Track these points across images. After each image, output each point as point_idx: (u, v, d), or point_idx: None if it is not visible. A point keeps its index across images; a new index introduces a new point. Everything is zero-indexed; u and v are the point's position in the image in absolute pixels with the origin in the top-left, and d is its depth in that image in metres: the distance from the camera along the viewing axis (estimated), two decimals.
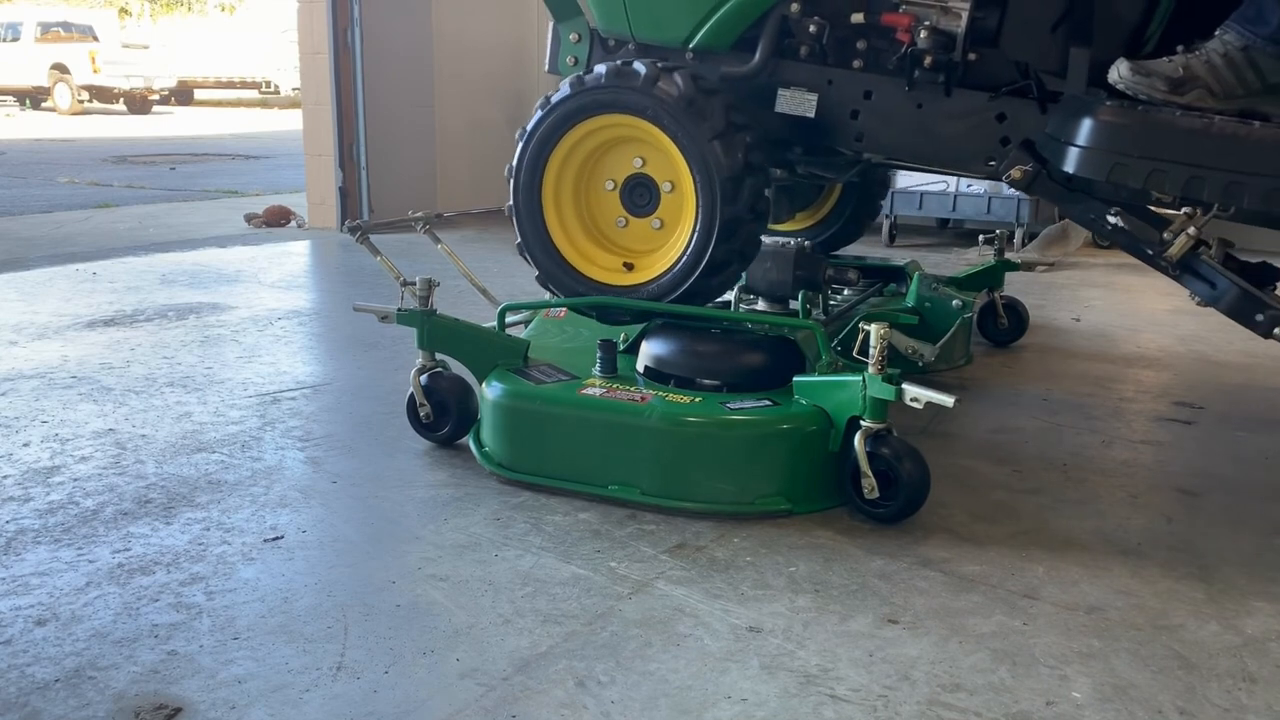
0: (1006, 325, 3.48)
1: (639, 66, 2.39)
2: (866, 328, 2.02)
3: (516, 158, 2.54)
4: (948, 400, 1.95)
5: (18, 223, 6.26)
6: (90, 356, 3.22)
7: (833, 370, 2.19)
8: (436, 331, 2.42)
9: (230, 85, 24.65)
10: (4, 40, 20.92)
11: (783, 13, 2.55)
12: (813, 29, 2.52)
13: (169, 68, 21.83)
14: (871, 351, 1.99)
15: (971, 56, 2.41)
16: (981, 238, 3.62)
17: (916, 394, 1.97)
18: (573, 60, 2.81)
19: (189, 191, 8.16)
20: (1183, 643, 1.64)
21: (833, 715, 1.44)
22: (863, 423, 2.03)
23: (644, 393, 2.20)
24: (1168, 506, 2.20)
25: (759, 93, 2.60)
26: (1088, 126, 2.18)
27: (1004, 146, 2.43)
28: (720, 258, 2.39)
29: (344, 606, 1.71)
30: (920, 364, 2.72)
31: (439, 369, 2.45)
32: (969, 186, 5.51)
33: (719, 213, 2.36)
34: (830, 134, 2.60)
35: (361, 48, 5.84)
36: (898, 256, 4.11)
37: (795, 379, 2.20)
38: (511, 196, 2.56)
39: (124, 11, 28.62)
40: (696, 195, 2.39)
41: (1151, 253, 2.22)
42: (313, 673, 1.52)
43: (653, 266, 2.49)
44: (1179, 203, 2.17)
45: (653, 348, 2.36)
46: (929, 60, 2.40)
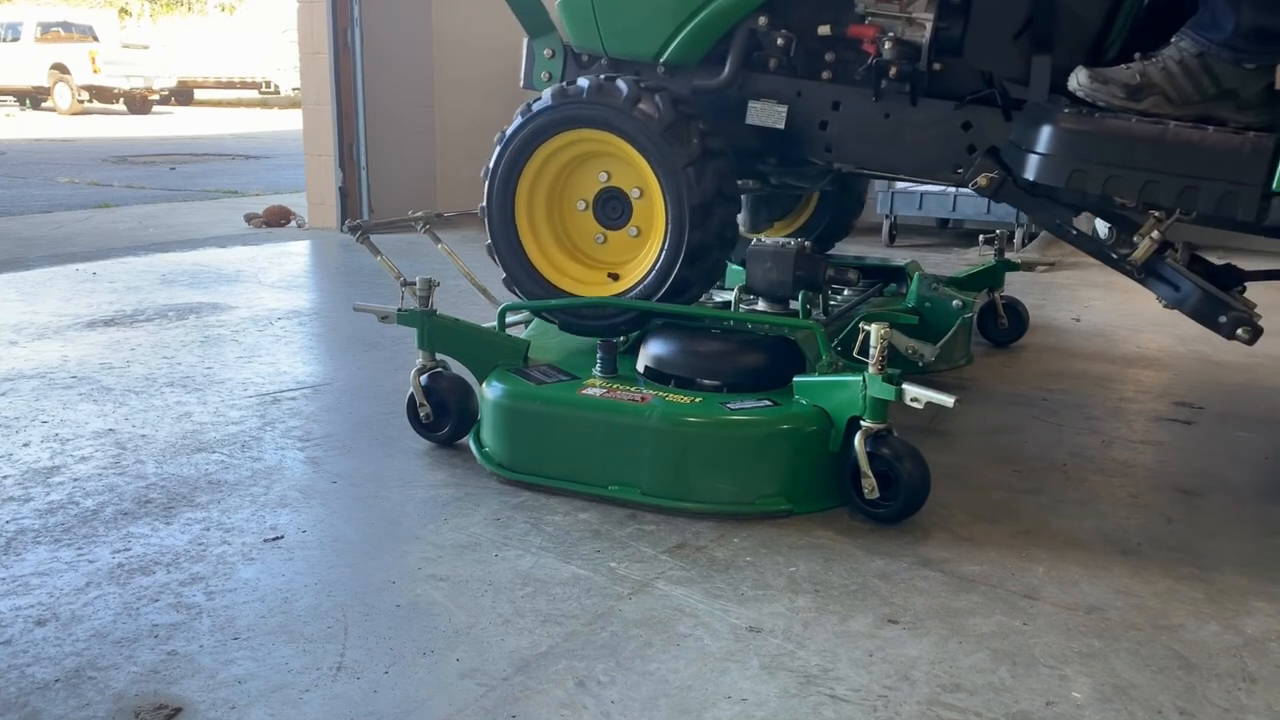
0: (1006, 325, 3.48)
1: (621, 85, 2.43)
2: (867, 328, 2.02)
3: (494, 160, 2.58)
4: (948, 400, 1.95)
5: (18, 223, 6.26)
6: (90, 356, 3.22)
7: (833, 370, 2.19)
8: (436, 331, 2.42)
9: (230, 85, 24.66)
10: (4, 40, 20.94)
11: (751, 26, 2.58)
12: (781, 42, 2.55)
13: (169, 68, 21.84)
14: (872, 352, 1.99)
15: (936, 66, 2.44)
16: (981, 238, 3.62)
17: (917, 394, 1.97)
18: (547, 75, 2.85)
19: (189, 191, 8.16)
20: (1183, 643, 1.64)
21: (833, 715, 1.44)
22: (863, 423, 2.03)
23: (644, 393, 2.20)
24: (1168, 506, 2.20)
25: (730, 106, 2.63)
26: (1047, 134, 2.21)
27: (970, 154, 2.45)
28: (684, 277, 2.43)
29: (344, 606, 1.71)
30: (920, 364, 2.72)
31: (439, 369, 2.45)
32: None
33: (686, 238, 2.41)
34: (801, 145, 2.64)
35: (361, 48, 5.84)
36: (898, 256, 4.12)
37: (795, 379, 2.20)
38: (485, 198, 2.60)
39: (124, 11, 28.63)
40: (666, 206, 2.43)
41: (1116, 256, 2.25)
42: (313, 673, 1.52)
43: (636, 272, 2.53)
44: (1142, 207, 2.19)
45: (653, 348, 2.36)
46: (895, 71, 2.44)
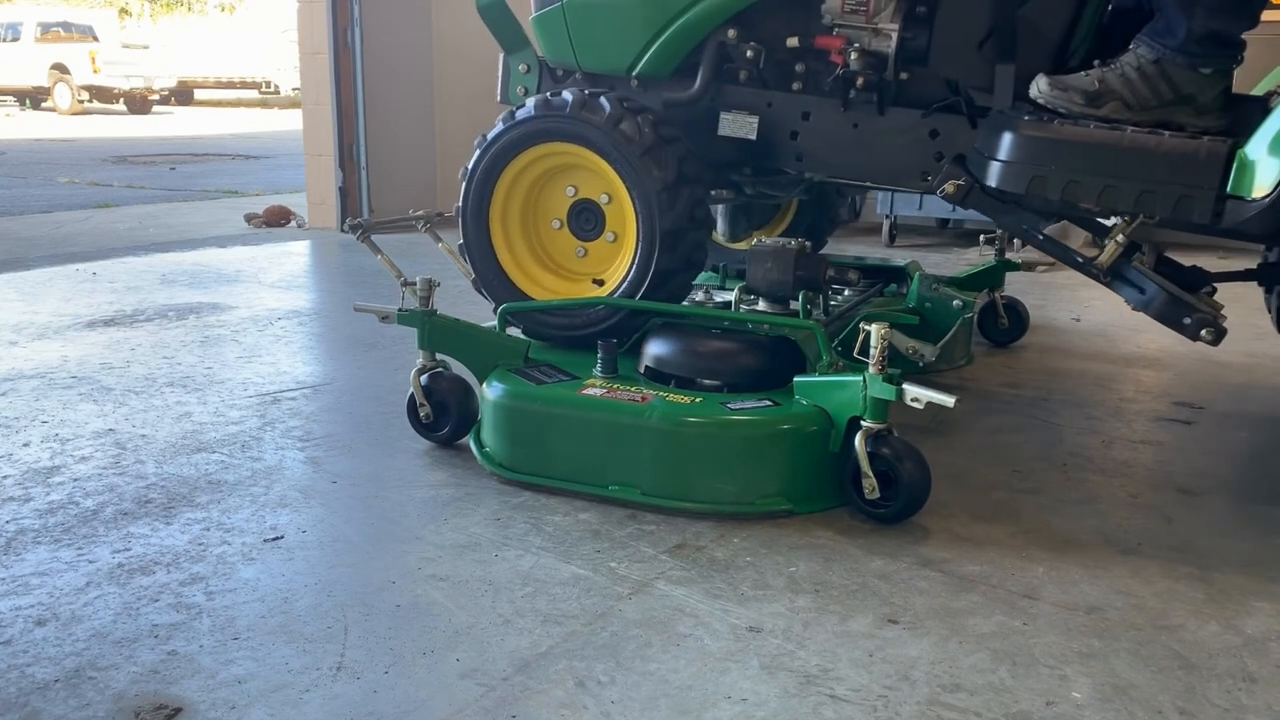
0: (1007, 325, 3.48)
1: (604, 103, 2.46)
2: (867, 328, 2.02)
3: (473, 162, 2.61)
4: (948, 400, 1.95)
5: (18, 223, 6.26)
6: (90, 356, 3.22)
7: (833, 370, 2.19)
8: (437, 332, 2.42)
9: (230, 85, 24.67)
10: (4, 40, 20.94)
11: (721, 39, 2.60)
12: (750, 54, 2.58)
13: (169, 68, 21.85)
14: (872, 352, 1.99)
15: (903, 76, 2.48)
16: (982, 237, 3.62)
17: (917, 394, 1.97)
18: (523, 90, 2.89)
19: (189, 191, 8.16)
20: (1183, 643, 1.64)
21: (833, 715, 1.44)
22: (863, 423, 2.03)
23: (645, 393, 2.20)
24: (1168, 506, 2.20)
25: (702, 117, 2.66)
26: (1007, 141, 2.25)
27: (938, 162, 2.48)
28: (667, 266, 2.46)
29: (344, 606, 1.71)
30: (921, 364, 2.72)
31: (439, 369, 2.45)
32: None
33: (655, 261, 2.45)
34: (772, 155, 2.67)
35: (361, 48, 5.84)
36: (898, 256, 4.12)
37: (796, 379, 2.20)
38: (461, 198, 2.63)
39: (124, 11, 28.63)
40: (636, 218, 2.46)
41: (1082, 260, 2.28)
42: (313, 673, 1.52)
43: (616, 276, 2.56)
44: (1107, 212, 2.22)
45: (653, 348, 2.36)
46: (862, 81, 2.47)
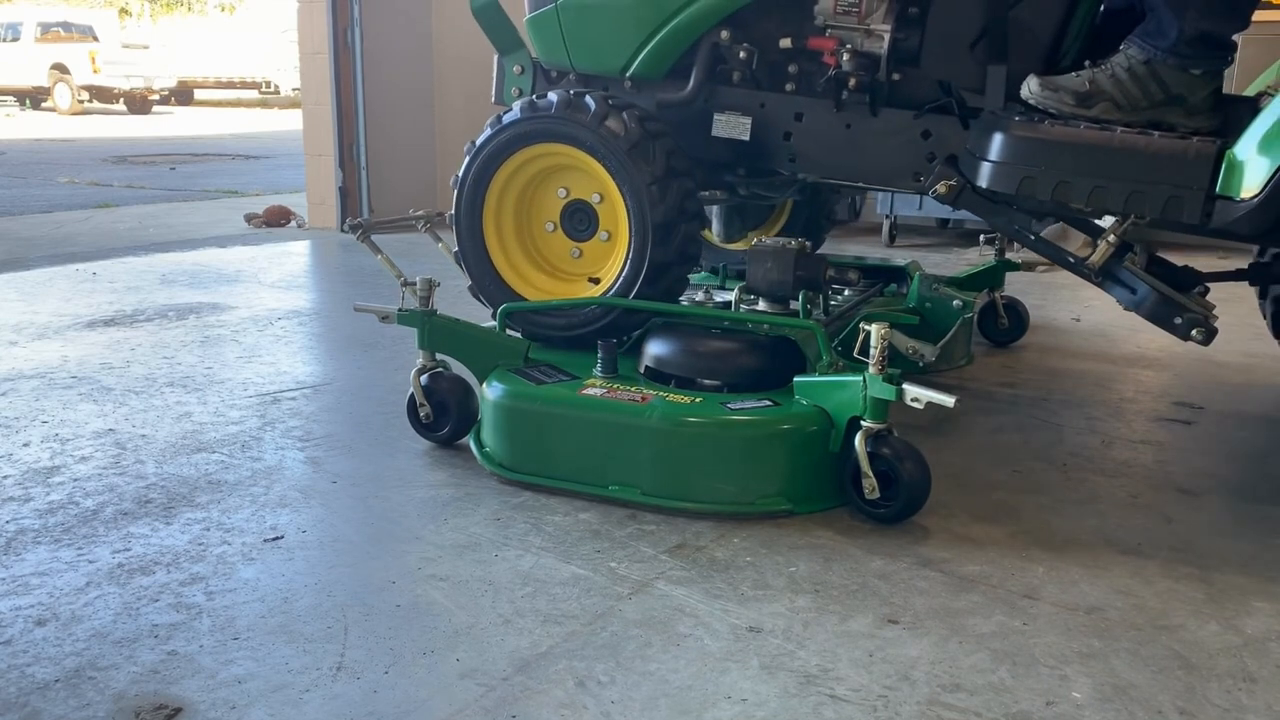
0: (1007, 325, 3.48)
1: (590, 101, 2.47)
2: (867, 328, 2.02)
3: (463, 169, 2.62)
4: (948, 400, 1.95)
5: (18, 223, 6.26)
6: (90, 356, 3.22)
7: (833, 370, 2.19)
8: (437, 332, 2.42)
9: (230, 85, 24.66)
10: (4, 40, 20.93)
11: (714, 40, 2.62)
12: (743, 54, 2.59)
13: (169, 68, 21.84)
14: (872, 352, 1.99)
15: (895, 76, 2.49)
16: (982, 237, 3.62)
17: (917, 394, 1.97)
18: (517, 92, 2.90)
19: (189, 191, 8.16)
20: (1183, 643, 1.64)
21: (833, 715, 1.44)
22: (863, 423, 2.03)
23: (645, 393, 2.20)
24: (1168, 506, 2.20)
25: (696, 118, 2.67)
26: (998, 141, 2.25)
27: (930, 162, 2.49)
28: (645, 295, 2.47)
29: (344, 606, 1.71)
30: (921, 364, 2.72)
31: (439, 369, 2.45)
32: None
33: (649, 255, 2.45)
34: (766, 156, 2.68)
35: (361, 48, 5.84)
36: (898, 256, 4.12)
37: (796, 379, 2.20)
38: (454, 206, 2.65)
39: (124, 11, 28.62)
40: (628, 213, 2.47)
41: (1074, 260, 2.28)
42: (313, 673, 1.52)
43: (611, 274, 2.57)
44: (1097, 213, 2.22)
45: (653, 348, 2.36)
46: (854, 81, 2.47)
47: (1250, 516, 2.16)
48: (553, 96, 2.51)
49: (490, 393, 2.30)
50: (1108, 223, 2.29)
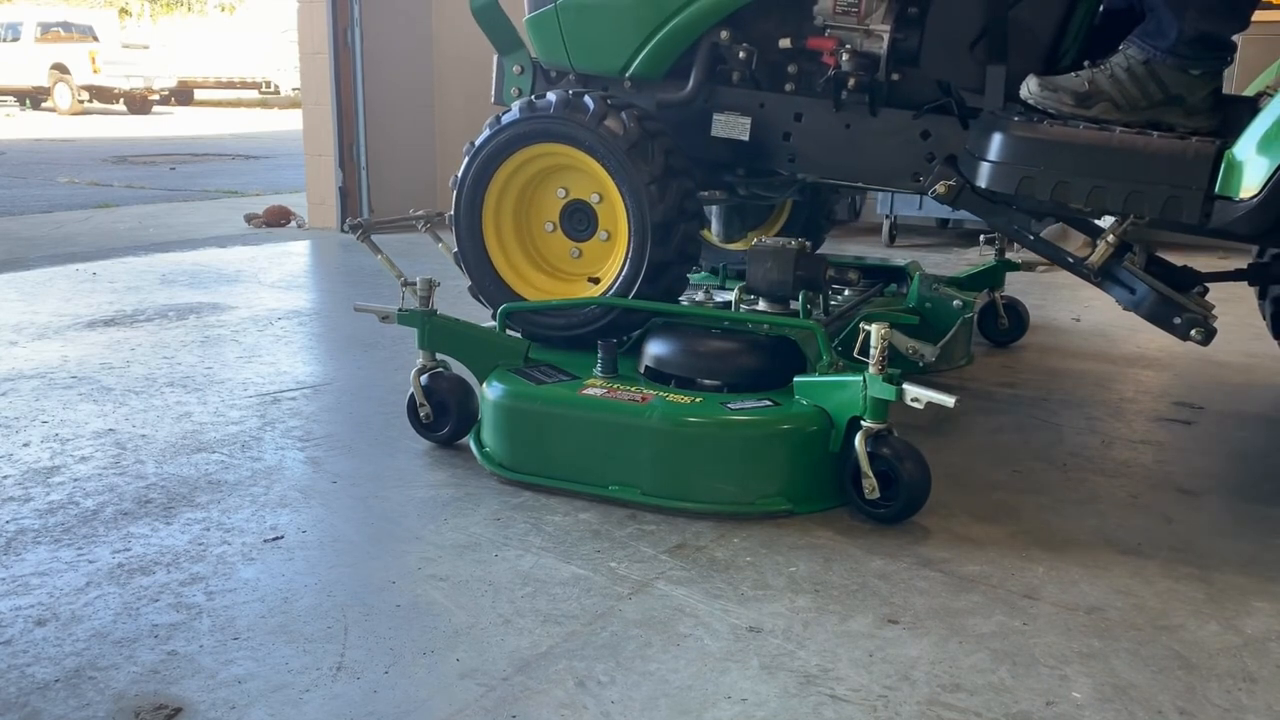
0: (1007, 325, 3.48)
1: (589, 101, 2.47)
2: (867, 328, 2.02)
3: (462, 170, 2.63)
4: (948, 400, 1.95)
5: (18, 223, 6.26)
6: (90, 356, 3.22)
7: (833, 370, 2.19)
8: (437, 332, 2.42)
9: (230, 85, 24.66)
10: (4, 40, 20.93)
11: (713, 40, 2.62)
12: (743, 55, 2.59)
13: (169, 68, 21.83)
14: (872, 352, 1.99)
15: (895, 76, 2.49)
16: (982, 237, 3.62)
17: (917, 394, 1.97)
18: (517, 91, 2.91)
19: (189, 191, 8.16)
20: (1183, 643, 1.64)
21: (833, 715, 1.44)
22: (863, 423, 2.03)
23: (645, 393, 2.20)
24: (1168, 506, 2.20)
25: (696, 119, 2.68)
26: (997, 142, 2.26)
27: (930, 162, 2.50)
28: (645, 294, 2.48)
29: (344, 606, 1.71)
30: (921, 364, 2.72)
31: (439, 369, 2.45)
32: None
33: (648, 255, 2.45)
34: (765, 156, 2.69)
35: (361, 48, 5.84)
36: (898, 256, 4.12)
37: (796, 379, 2.20)
38: (454, 208, 2.65)
39: (124, 11, 28.62)
40: (627, 213, 2.47)
41: (1073, 260, 2.29)
42: (313, 673, 1.52)
43: (611, 273, 2.57)
44: (1097, 213, 2.23)
45: (653, 348, 2.36)
46: (854, 81, 2.48)
47: (1250, 516, 2.16)
48: (551, 96, 2.51)
49: (490, 393, 2.30)
50: (1108, 223, 2.29)
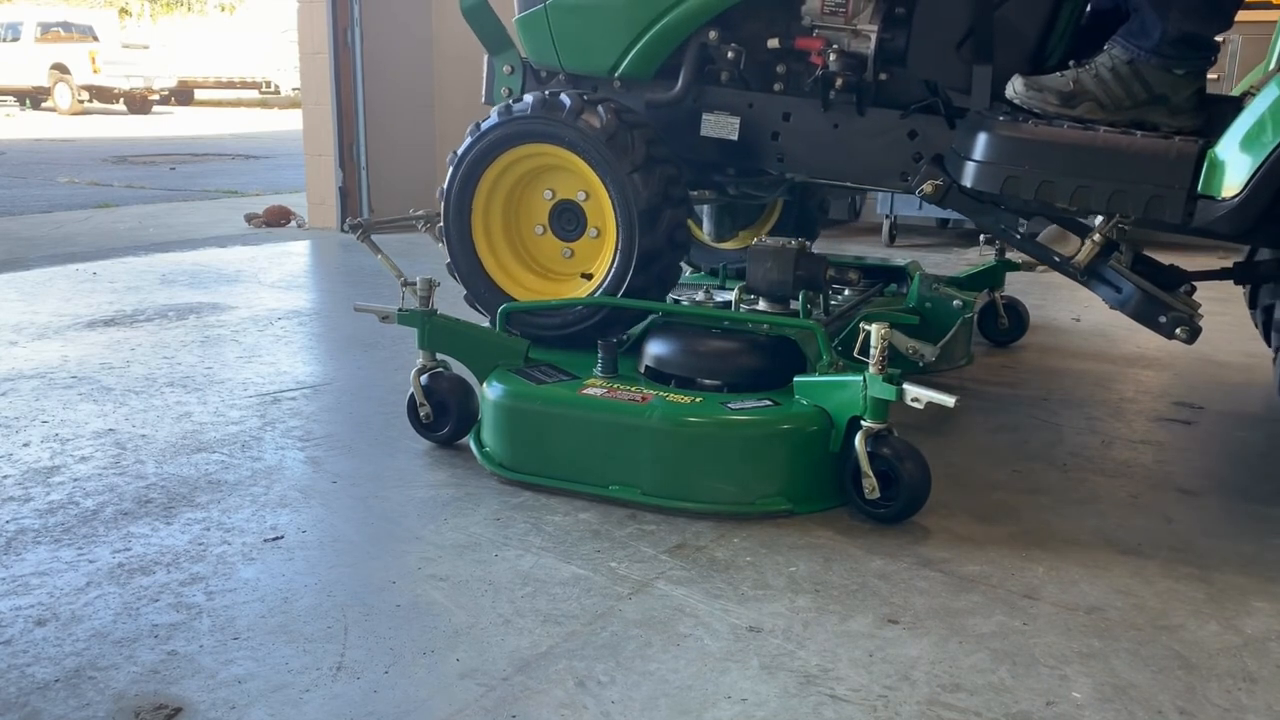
0: (1007, 325, 3.48)
1: (564, 98, 2.48)
2: (867, 328, 2.02)
3: (448, 180, 2.64)
4: (948, 400, 1.95)
5: (18, 223, 6.26)
6: (90, 356, 3.22)
7: (833, 370, 2.19)
8: (437, 332, 2.42)
9: (230, 85, 24.65)
10: (4, 40, 20.92)
11: (702, 40, 2.63)
12: (731, 55, 2.60)
13: (169, 68, 21.83)
14: (872, 351, 1.99)
15: (882, 76, 2.50)
16: (982, 238, 3.62)
17: (917, 394, 1.97)
18: (507, 91, 2.92)
19: (189, 191, 8.16)
20: (1183, 643, 1.64)
21: (833, 715, 1.44)
22: (863, 423, 2.03)
23: (645, 393, 2.20)
24: (1168, 506, 2.20)
25: (686, 118, 2.68)
26: (982, 141, 2.27)
27: (917, 162, 2.51)
28: (637, 285, 2.48)
29: (344, 606, 1.71)
30: (921, 364, 2.72)
31: (439, 369, 2.45)
32: None
33: (637, 244, 2.46)
34: (754, 155, 2.69)
35: (361, 48, 5.84)
36: (898, 256, 4.12)
37: (796, 379, 2.20)
38: (443, 218, 2.67)
39: (124, 11, 28.62)
40: (614, 208, 2.48)
41: (1059, 260, 2.29)
42: (313, 673, 1.52)
43: (603, 268, 2.58)
44: (1082, 212, 2.23)
45: (654, 348, 2.36)
46: (841, 81, 2.49)
47: (1250, 516, 2.16)
48: (528, 98, 2.54)
49: (490, 393, 2.30)
50: (1099, 224, 2.30)
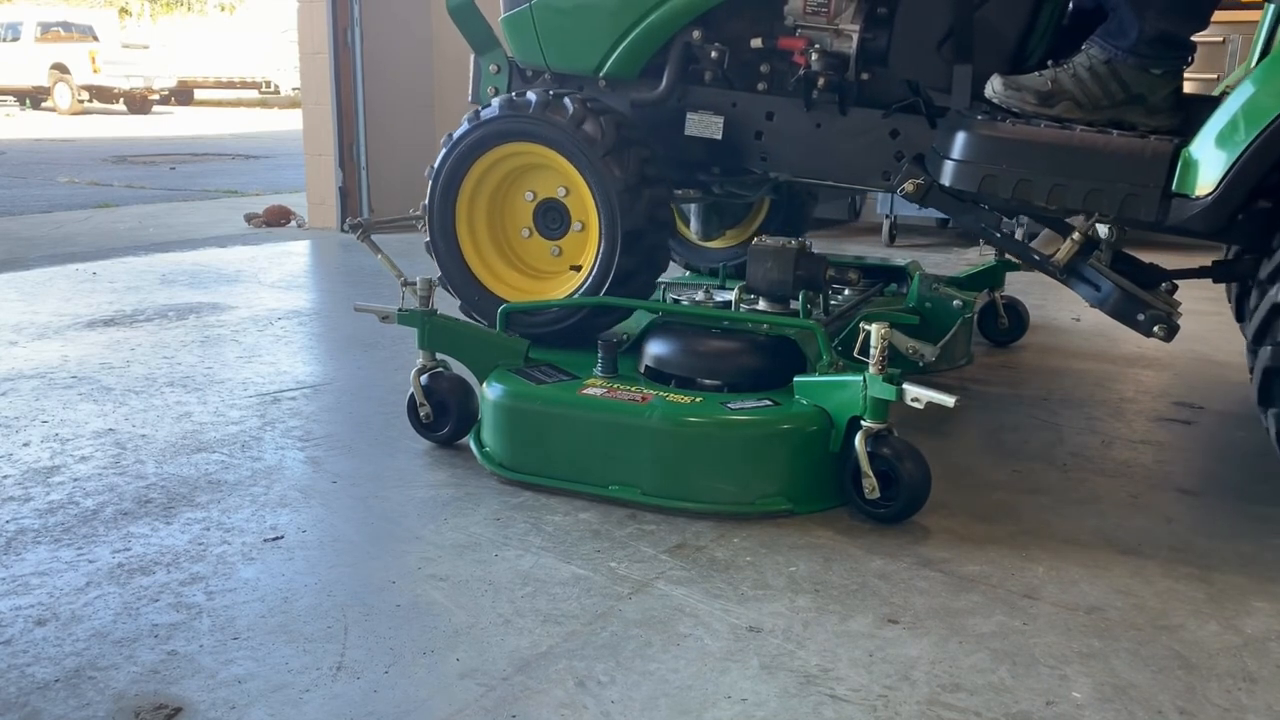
0: (1007, 325, 3.48)
1: (568, 104, 2.50)
2: (867, 328, 2.02)
3: (439, 160, 2.66)
4: (948, 400, 1.95)
5: (18, 223, 6.26)
6: (90, 356, 3.22)
7: (833, 370, 2.19)
8: (437, 331, 2.42)
9: (230, 85, 24.65)
10: (4, 40, 20.92)
11: (685, 39, 2.64)
12: (715, 54, 2.61)
13: (169, 68, 21.83)
14: (872, 351, 1.99)
15: (864, 76, 2.51)
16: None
17: (917, 394, 1.97)
18: (493, 91, 2.93)
19: (189, 191, 8.16)
20: (1183, 643, 1.64)
21: (833, 715, 1.44)
22: (863, 423, 2.03)
23: (645, 393, 2.20)
24: (1168, 506, 2.20)
25: (670, 118, 2.70)
26: (960, 140, 2.28)
27: (899, 161, 2.52)
28: (628, 267, 2.50)
29: (344, 606, 1.71)
30: (921, 364, 2.72)
31: (439, 369, 2.45)
32: None
33: (616, 261, 2.49)
34: (738, 155, 2.71)
35: (361, 48, 5.84)
36: (898, 256, 4.12)
37: (796, 379, 2.20)
38: (428, 197, 2.68)
39: (124, 11, 28.62)
40: (596, 207, 2.50)
41: (1039, 258, 2.30)
42: (313, 673, 1.52)
43: (590, 258, 2.60)
44: (1059, 211, 2.24)
45: (654, 348, 2.36)
46: (824, 81, 2.50)
47: (1250, 516, 2.16)
48: (532, 96, 2.54)
49: (490, 393, 2.30)
50: (1079, 222, 2.30)
